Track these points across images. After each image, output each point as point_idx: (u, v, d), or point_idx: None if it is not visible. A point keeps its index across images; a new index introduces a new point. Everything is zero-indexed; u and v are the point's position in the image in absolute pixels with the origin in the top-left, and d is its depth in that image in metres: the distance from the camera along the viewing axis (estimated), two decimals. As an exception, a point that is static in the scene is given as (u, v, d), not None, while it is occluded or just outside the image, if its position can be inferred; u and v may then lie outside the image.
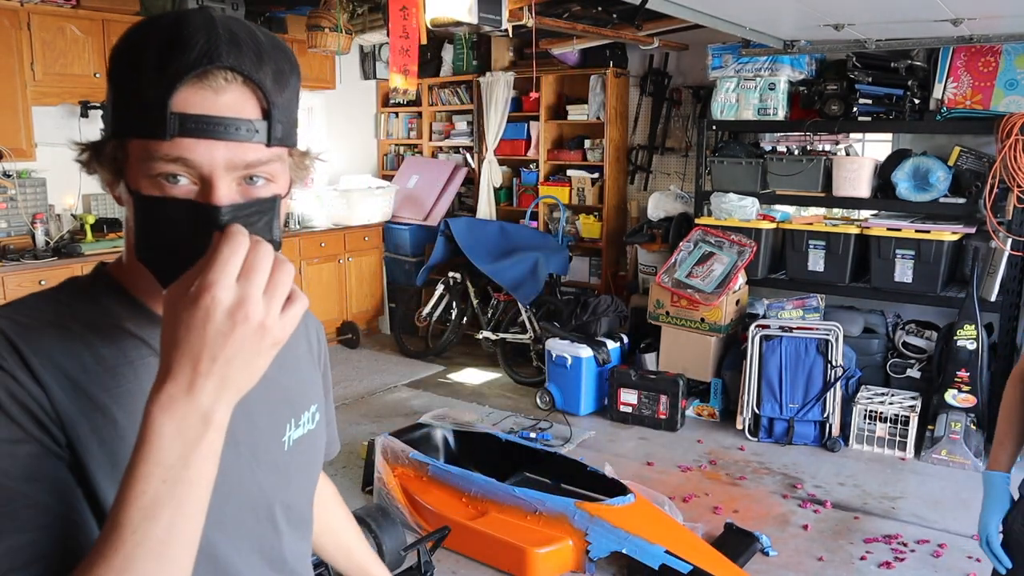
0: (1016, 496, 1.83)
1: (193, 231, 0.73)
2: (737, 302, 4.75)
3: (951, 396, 4.12)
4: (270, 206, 0.77)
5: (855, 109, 4.56)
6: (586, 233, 6.03)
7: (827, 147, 4.90)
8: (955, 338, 4.10)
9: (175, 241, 0.74)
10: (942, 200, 4.38)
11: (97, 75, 4.82)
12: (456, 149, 6.75)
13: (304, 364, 0.99)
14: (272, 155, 0.76)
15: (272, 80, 0.74)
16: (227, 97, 0.72)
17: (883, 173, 4.59)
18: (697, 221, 5.04)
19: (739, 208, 4.84)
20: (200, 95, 0.71)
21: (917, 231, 4.36)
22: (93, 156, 0.77)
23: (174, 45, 0.70)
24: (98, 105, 4.83)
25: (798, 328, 4.36)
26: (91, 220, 4.86)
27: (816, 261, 4.69)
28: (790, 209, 5.12)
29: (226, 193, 0.73)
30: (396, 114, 7.06)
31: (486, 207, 6.34)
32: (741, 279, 4.71)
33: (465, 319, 5.81)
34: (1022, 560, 1.79)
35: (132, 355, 0.78)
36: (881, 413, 4.18)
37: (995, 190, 4.11)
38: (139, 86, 0.71)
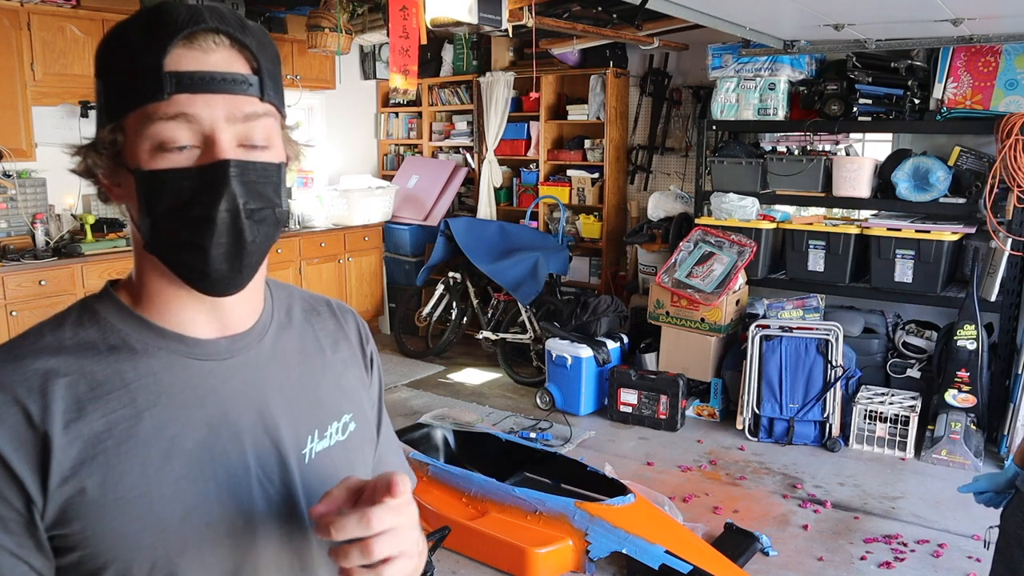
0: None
1: (200, 197, 0.73)
2: (737, 302, 4.75)
3: (951, 396, 4.12)
4: (275, 171, 0.78)
5: (855, 109, 4.55)
6: (586, 233, 6.03)
7: (827, 147, 4.90)
8: (955, 338, 4.10)
9: (184, 215, 0.73)
10: (942, 200, 4.38)
11: (97, 75, 4.82)
12: (456, 149, 6.75)
13: (339, 369, 0.93)
14: (267, 110, 0.77)
15: (257, 44, 0.76)
16: (216, 57, 0.74)
17: (883, 173, 4.58)
18: (697, 221, 5.04)
19: (739, 208, 4.84)
20: (190, 55, 0.72)
21: (917, 231, 4.36)
22: (91, 150, 0.76)
23: (157, 18, 0.72)
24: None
25: (798, 328, 4.36)
26: (91, 220, 4.86)
27: (816, 261, 4.69)
28: (790, 209, 5.12)
29: (230, 148, 0.74)
30: (396, 114, 7.06)
31: (486, 207, 6.34)
32: (741, 279, 4.71)
33: (465, 319, 5.81)
34: (1016, 557, 1.79)
35: (128, 377, 0.76)
36: (881, 413, 4.18)
37: (995, 190, 4.11)
38: (130, 61, 0.73)
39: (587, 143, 6.01)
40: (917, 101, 4.48)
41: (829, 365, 4.25)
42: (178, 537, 0.74)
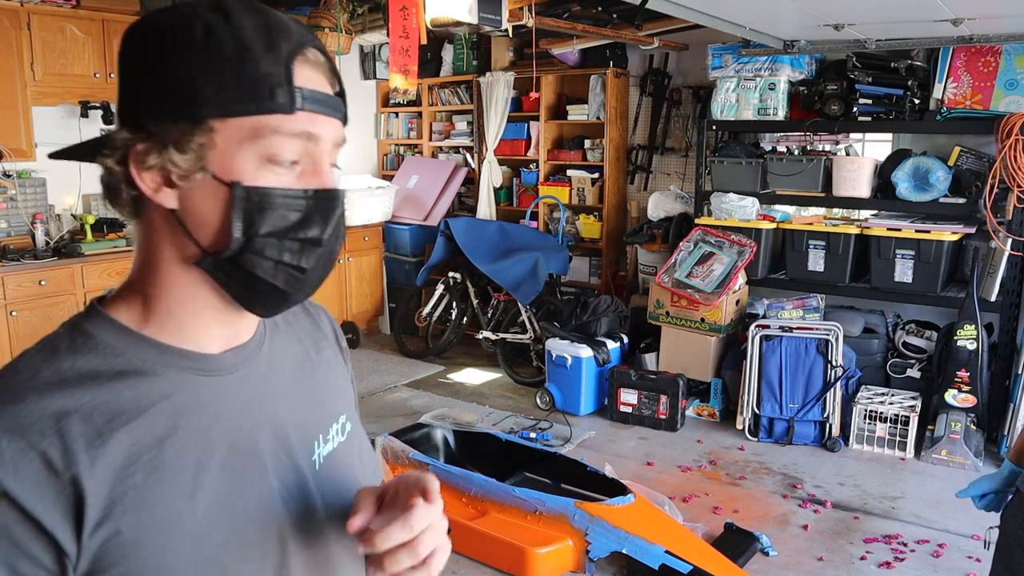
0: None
1: (312, 222, 0.72)
2: (737, 302, 4.75)
3: (951, 396, 4.12)
4: None
5: (855, 109, 4.55)
6: (586, 233, 6.03)
7: (827, 147, 4.90)
8: (955, 338, 4.10)
9: (290, 237, 0.72)
10: (942, 200, 4.38)
11: (97, 75, 4.82)
12: (456, 149, 6.75)
13: (326, 370, 0.92)
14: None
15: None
16: (320, 76, 0.73)
17: (883, 173, 4.58)
18: (697, 221, 5.04)
19: (739, 208, 4.84)
20: (305, 72, 0.71)
21: (917, 231, 4.36)
22: (167, 146, 0.69)
23: (273, 24, 0.70)
24: (98, 105, 4.83)
25: (798, 328, 4.36)
26: (91, 220, 4.86)
27: (816, 261, 4.69)
28: (790, 209, 5.12)
29: (332, 176, 0.74)
30: (396, 114, 7.06)
31: (486, 207, 6.34)
32: (741, 279, 4.71)
33: (465, 319, 5.81)
34: (1016, 557, 1.79)
35: (141, 403, 0.71)
36: (881, 413, 4.18)
37: (995, 190, 4.11)
38: (240, 61, 0.68)
39: (587, 143, 6.01)
40: (917, 101, 4.48)
41: (829, 365, 4.25)
42: (218, 564, 0.72)
